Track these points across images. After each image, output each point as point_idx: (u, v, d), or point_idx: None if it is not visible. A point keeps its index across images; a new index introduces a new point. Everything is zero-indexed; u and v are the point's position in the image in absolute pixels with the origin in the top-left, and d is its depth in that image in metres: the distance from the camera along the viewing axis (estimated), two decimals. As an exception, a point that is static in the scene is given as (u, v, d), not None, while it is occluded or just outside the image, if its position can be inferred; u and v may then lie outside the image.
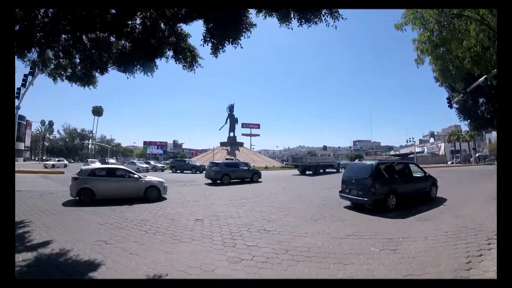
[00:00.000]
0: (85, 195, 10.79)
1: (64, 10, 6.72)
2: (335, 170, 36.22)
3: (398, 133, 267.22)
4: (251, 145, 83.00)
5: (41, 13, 6.84)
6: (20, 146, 68.22)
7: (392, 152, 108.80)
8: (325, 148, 76.40)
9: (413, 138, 64.43)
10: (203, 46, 7.21)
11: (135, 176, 12.23)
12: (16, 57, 8.07)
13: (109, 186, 11.37)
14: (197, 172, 36.34)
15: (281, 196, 13.22)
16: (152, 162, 46.29)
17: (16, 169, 26.12)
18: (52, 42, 7.43)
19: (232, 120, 76.24)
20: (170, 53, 7.95)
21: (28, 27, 6.61)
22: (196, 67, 8.44)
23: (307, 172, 31.90)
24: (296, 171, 32.75)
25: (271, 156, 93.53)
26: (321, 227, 7.24)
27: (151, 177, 13.16)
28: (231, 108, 76.86)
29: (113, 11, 6.93)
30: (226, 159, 47.48)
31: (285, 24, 6.45)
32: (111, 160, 44.41)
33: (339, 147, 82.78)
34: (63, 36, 7.49)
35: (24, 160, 66.46)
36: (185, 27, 8.03)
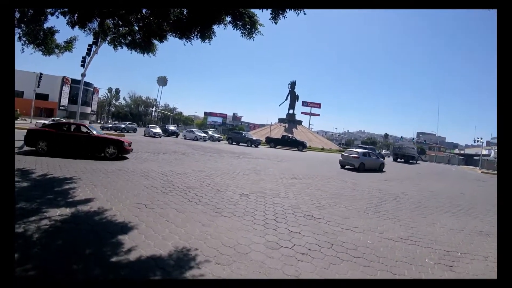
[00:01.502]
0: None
1: None
2: (414, 161, 41.76)
3: (466, 130, 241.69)
4: (309, 124, 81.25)
5: None
6: (87, 110, 75.37)
7: (456, 151, 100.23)
8: (386, 136, 72.13)
9: (481, 138, 56.78)
10: (262, 11, 6.70)
11: None
12: (77, 27, 8.52)
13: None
14: (252, 145, 36.71)
15: (334, 181, 12.52)
16: (209, 132, 47.66)
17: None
18: (111, 12, 7.57)
19: (293, 97, 74.86)
20: (228, 19, 7.59)
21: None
22: (256, 34, 7.96)
23: (398, 160, 39.87)
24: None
25: (328, 138, 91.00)
26: (373, 224, 6.49)
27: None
28: (292, 84, 75.24)
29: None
30: (283, 135, 47.09)
31: None
32: (172, 127, 46.72)
33: (401, 137, 77.28)
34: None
35: (89, 123, 73.46)
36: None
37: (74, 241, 4.01)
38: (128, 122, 52.21)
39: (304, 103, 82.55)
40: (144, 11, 7.94)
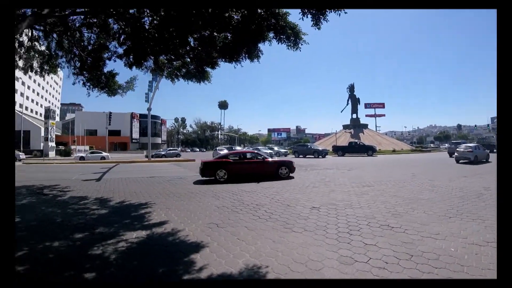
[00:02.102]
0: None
1: (167, 17, 7.32)
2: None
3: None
4: (376, 127, 77.32)
5: (146, 24, 7.65)
6: (157, 140, 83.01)
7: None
8: (459, 127, 65.99)
9: None
10: (303, 19, 6.65)
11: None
12: (135, 67, 9.51)
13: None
14: (319, 156, 35.98)
15: (410, 185, 11.48)
16: (275, 148, 47.88)
17: (153, 159, 31.31)
18: (163, 49, 8.28)
19: (354, 100, 72.25)
20: (271, 35, 7.72)
21: (139, 40, 7.52)
22: (301, 44, 7.94)
23: None
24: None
25: (398, 138, 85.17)
26: (456, 228, 5.72)
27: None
28: (351, 88, 72.77)
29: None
30: (350, 142, 45.38)
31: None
32: (238, 148, 48.27)
33: (475, 125, 69.16)
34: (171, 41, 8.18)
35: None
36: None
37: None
38: (170, 148, 55.31)
39: (367, 105, 79.09)
40: (192, 43, 8.49)
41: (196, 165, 25.33)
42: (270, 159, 15.21)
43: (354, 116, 71.70)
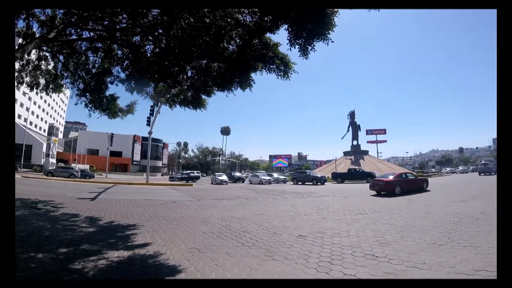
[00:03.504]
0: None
1: (167, 47, 7.81)
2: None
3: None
4: (377, 153, 77.35)
5: (148, 52, 8.14)
6: (158, 163, 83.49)
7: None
8: (461, 150, 66.65)
9: None
10: (290, 50, 7.02)
11: None
12: (136, 92, 9.95)
13: None
14: (318, 183, 35.80)
15: (404, 212, 11.47)
16: (275, 175, 48.08)
17: (150, 181, 31.05)
18: (163, 77, 8.72)
19: (355, 127, 72.88)
20: (261, 65, 8.08)
21: (141, 66, 7.99)
22: (291, 74, 8.27)
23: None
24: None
25: (400, 164, 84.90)
26: (445, 256, 5.67)
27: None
28: (352, 115, 73.63)
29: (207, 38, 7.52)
30: (349, 169, 45.35)
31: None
32: (237, 173, 48.35)
33: (477, 148, 69.56)
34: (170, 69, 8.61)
35: (161, 175, 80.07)
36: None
37: None
38: (187, 171, 55.18)
39: (368, 131, 79.62)
40: (189, 73, 8.91)
41: (193, 189, 25.37)
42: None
43: (355, 142, 72.06)
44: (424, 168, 75.91)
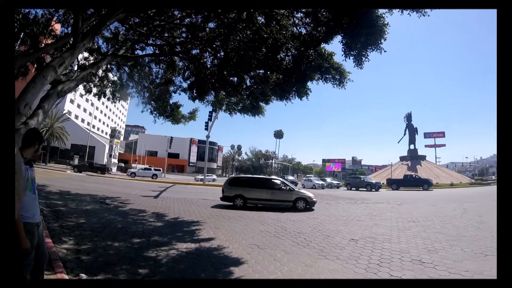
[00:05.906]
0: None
1: (226, 58, 8.55)
2: None
3: None
4: (436, 158, 71.82)
5: (208, 62, 8.98)
6: (213, 165, 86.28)
7: None
8: None
9: None
10: (345, 61, 7.32)
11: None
12: (198, 100, 10.89)
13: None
14: (373, 189, 34.72)
15: (457, 221, 11.04)
16: (328, 179, 47.29)
17: (207, 182, 31.81)
18: (222, 86, 9.51)
19: (412, 130, 68.44)
20: (318, 75, 8.45)
21: (201, 76, 8.83)
22: (346, 82, 8.52)
23: None
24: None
25: (459, 170, 78.16)
26: (488, 266, 5.58)
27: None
28: (408, 117, 69.44)
29: (264, 49, 8.12)
30: (405, 175, 43.17)
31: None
32: (290, 177, 48.40)
33: None
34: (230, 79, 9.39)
35: (216, 176, 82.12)
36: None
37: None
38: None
39: (426, 135, 74.40)
40: (248, 82, 9.62)
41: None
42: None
43: (412, 147, 67.90)
44: (484, 175, 68.78)
